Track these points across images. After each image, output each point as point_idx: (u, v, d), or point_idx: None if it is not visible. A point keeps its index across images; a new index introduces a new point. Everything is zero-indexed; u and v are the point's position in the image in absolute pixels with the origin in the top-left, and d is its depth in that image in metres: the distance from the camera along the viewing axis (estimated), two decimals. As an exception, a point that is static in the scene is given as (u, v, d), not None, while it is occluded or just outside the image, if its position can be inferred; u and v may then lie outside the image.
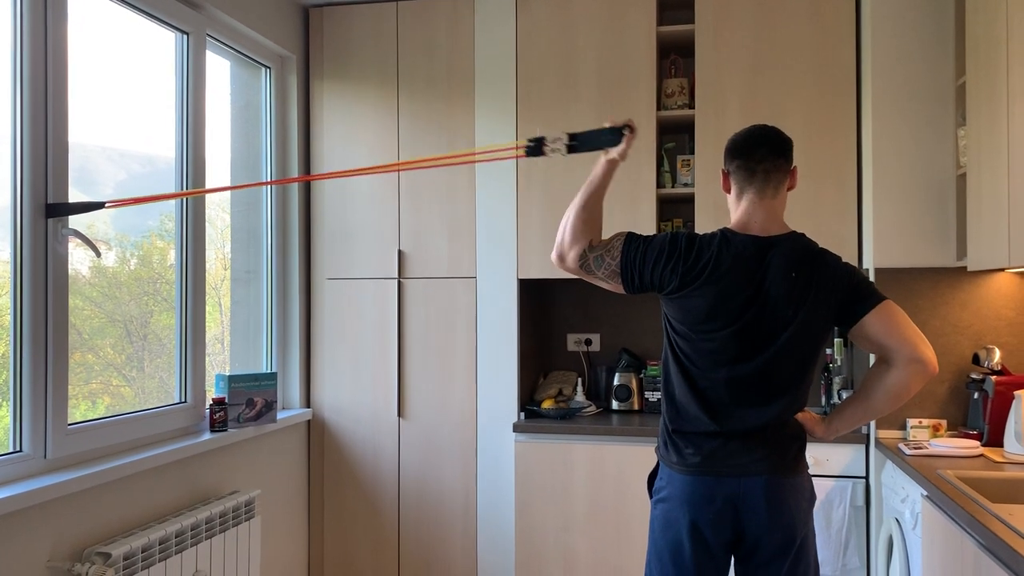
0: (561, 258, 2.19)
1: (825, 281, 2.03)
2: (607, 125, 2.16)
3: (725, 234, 2.09)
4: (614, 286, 2.18)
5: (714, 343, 2.06)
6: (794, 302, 2.02)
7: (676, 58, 3.54)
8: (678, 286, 2.07)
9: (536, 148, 2.20)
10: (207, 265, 3.07)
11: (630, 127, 2.16)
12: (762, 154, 2.08)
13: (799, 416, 2.12)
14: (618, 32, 3.41)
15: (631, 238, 2.15)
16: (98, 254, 2.55)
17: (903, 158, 3.05)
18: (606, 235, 2.22)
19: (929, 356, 2.00)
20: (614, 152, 2.17)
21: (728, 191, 2.17)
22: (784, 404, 2.06)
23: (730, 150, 2.14)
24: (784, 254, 2.04)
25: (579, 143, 2.19)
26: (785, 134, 2.13)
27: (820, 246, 2.11)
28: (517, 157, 2.29)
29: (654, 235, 2.15)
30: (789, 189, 2.14)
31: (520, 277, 3.47)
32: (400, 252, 3.59)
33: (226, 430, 3.00)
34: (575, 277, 2.26)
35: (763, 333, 2.03)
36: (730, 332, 2.04)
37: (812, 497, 2.12)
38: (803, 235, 2.10)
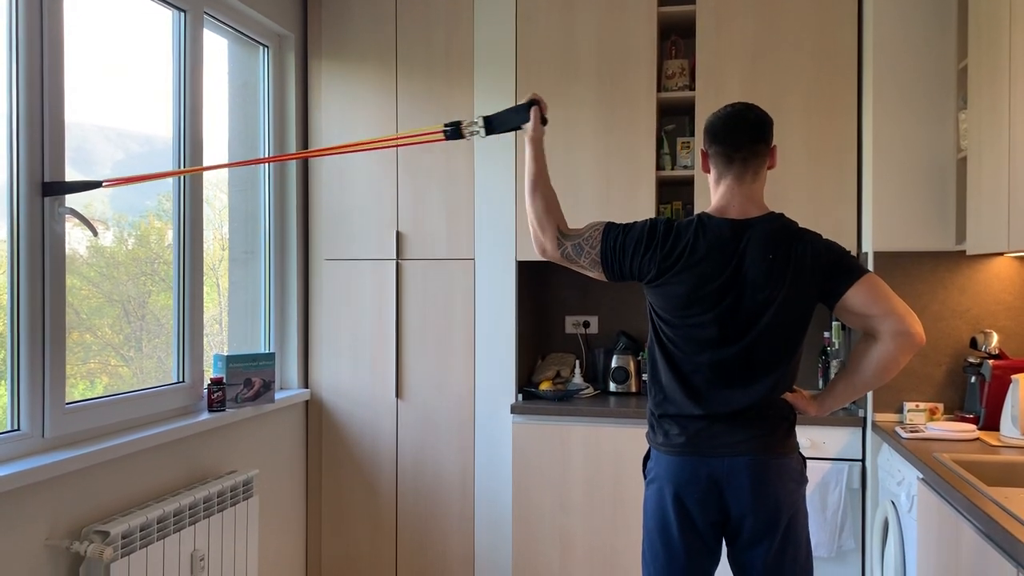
0: (542, 250, 2.24)
1: (804, 260, 2.02)
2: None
3: (701, 219, 2.08)
4: (598, 275, 2.19)
5: (696, 328, 2.06)
6: (773, 283, 2.01)
7: (677, 39, 3.51)
8: (656, 274, 2.08)
9: (455, 131, 2.28)
10: (205, 245, 3.05)
11: (535, 101, 2.21)
12: (741, 141, 2.06)
13: (790, 396, 2.12)
14: (619, 13, 3.38)
15: (610, 228, 2.16)
16: (95, 233, 2.53)
17: (904, 142, 3.04)
18: (583, 222, 2.23)
19: (916, 327, 1.98)
20: (528, 129, 2.22)
21: (708, 172, 2.16)
22: (770, 385, 2.05)
23: (709, 133, 2.12)
24: (761, 236, 2.03)
25: (495, 124, 2.26)
26: (765, 114, 2.10)
27: (800, 225, 2.09)
28: (438, 140, 2.33)
29: (633, 223, 2.15)
30: (769, 168, 2.13)
31: (519, 259, 3.46)
32: (398, 233, 3.58)
33: (224, 410, 3.00)
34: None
35: (744, 316, 2.03)
36: (711, 317, 2.04)
37: (801, 478, 2.11)
38: (782, 215, 2.09)
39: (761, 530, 2.04)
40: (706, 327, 2.05)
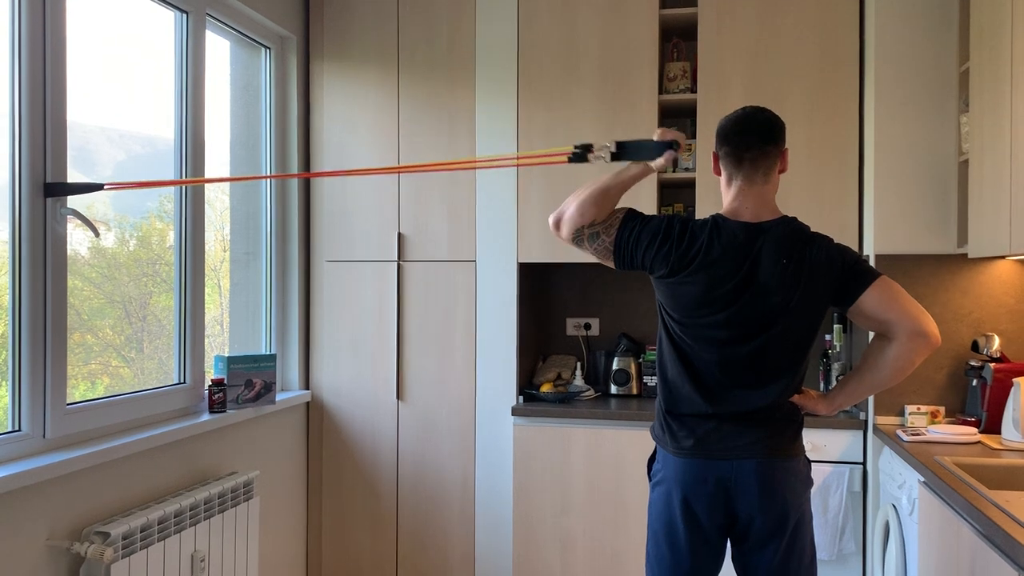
0: (557, 225, 2.20)
1: (817, 264, 2.02)
2: (655, 138, 2.15)
3: (716, 221, 2.08)
4: (606, 261, 2.18)
5: (707, 329, 2.06)
6: (786, 288, 2.01)
7: (678, 42, 3.52)
8: (667, 272, 2.07)
9: (582, 155, 2.22)
10: (206, 247, 3.06)
11: (678, 145, 2.14)
12: (750, 142, 2.06)
13: (799, 397, 2.12)
14: (620, 15, 3.38)
15: (629, 216, 2.15)
16: (97, 234, 2.54)
17: (905, 144, 3.04)
18: None
19: (931, 328, 1.99)
20: (654, 163, 2.15)
21: (719, 174, 2.16)
22: (779, 388, 2.06)
23: (719, 135, 2.12)
24: (775, 240, 2.03)
25: (625, 152, 2.19)
26: (776, 117, 2.10)
27: (812, 230, 2.09)
28: (561, 163, 2.28)
29: (651, 217, 2.14)
30: (781, 172, 2.12)
31: (520, 261, 3.46)
32: (400, 235, 3.58)
33: (225, 411, 3.00)
34: (576, 262, 2.26)
35: (756, 319, 2.03)
36: (722, 318, 2.04)
37: (807, 480, 2.12)
38: (795, 219, 2.09)
39: (769, 532, 2.04)
40: (717, 328, 2.05)
